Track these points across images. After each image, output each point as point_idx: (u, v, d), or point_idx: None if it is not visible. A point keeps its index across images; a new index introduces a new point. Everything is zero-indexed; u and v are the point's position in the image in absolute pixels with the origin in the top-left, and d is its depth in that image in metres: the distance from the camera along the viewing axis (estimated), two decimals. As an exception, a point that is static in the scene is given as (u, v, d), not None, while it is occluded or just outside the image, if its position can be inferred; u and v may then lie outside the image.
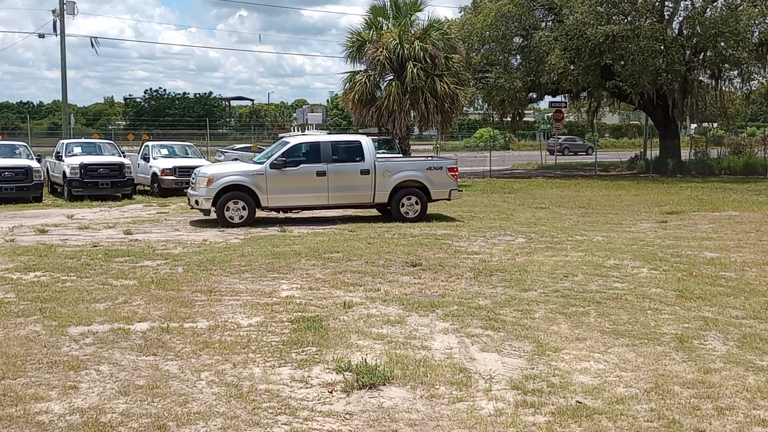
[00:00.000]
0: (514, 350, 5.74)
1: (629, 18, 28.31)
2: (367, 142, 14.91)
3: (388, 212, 14.67)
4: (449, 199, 15.05)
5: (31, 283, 8.18)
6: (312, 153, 14.57)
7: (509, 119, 35.59)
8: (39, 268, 9.09)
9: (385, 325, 6.45)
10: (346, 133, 38.46)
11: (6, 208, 17.33)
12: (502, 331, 6.27)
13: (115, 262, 9.56)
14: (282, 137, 33.21)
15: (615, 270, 9.00)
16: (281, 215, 14.96)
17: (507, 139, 53.43)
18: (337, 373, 5.16)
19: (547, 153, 40.99)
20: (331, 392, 4.83)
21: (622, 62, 28.26)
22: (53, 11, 35.18)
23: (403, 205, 14.45)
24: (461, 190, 15.93)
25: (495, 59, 30.85)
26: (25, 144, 22.39)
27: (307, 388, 4.91)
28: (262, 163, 14.28)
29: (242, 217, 13.76)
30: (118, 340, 5.96)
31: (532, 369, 5.27)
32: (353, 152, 14.66)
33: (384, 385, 4.91)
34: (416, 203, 14.52)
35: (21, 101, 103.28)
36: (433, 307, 7.07)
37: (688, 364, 5.40)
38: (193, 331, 6.24)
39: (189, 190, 14.78)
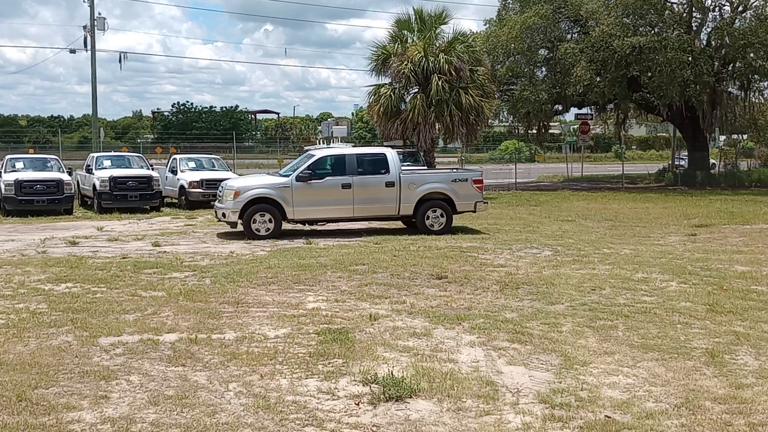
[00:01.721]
0: (542, 364, 5.71)
1: (656, 29, 28.15)
2: (392, 154, 14.94)
3: (414, 224, 14.67)
4: (474, 211, 15.02)
5: (62, 294, 8.32)
6: (337, 165, 14.65)
7: (535, 131, 35.44)
8: (70, 280, 9.24)
9: (411, 338, 6.45)
10: (371, 146, 38.62)
11: (38, 220, 17.66)
12: (529, 344, 6.24)
13: (144, 274, 9.69)
14: (307, 150, 33.50)
15: (643, 283, 8.90)
16: (307, 227, 15.04)
17: (532, 151, 53.15)
18: (363, 385, 5.17)
19: (573, 165, 40.71)
20: (357, 404, 4.84)
21: (650, 74, 28.04)
22: (84, 27, 35.87)
23: (428, 218, 14.46)
24: (487, 202, 15.88)
25: (520, 71, 30.81)
26: (56, 157, 22.82)
27: (333, 399, 4.93)
28: (288, 176, 14.38)
29: (269, 229, 13.84)
30: (147, 350, 6.04)
31: (560, 383, 5.23)
32: (378, 165, 14.70)
33: (411, 397, 4.91)
34: (441, 215, 14.52)
35: (52, 115, 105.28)
36: (459, 320, 7.05)
37: (719, 379, 5.33)
38: (221, 342, 6.30)
39: (216, 203, 14.91)
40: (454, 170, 18.34)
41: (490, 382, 5.24)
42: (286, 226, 14.25)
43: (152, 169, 21.90)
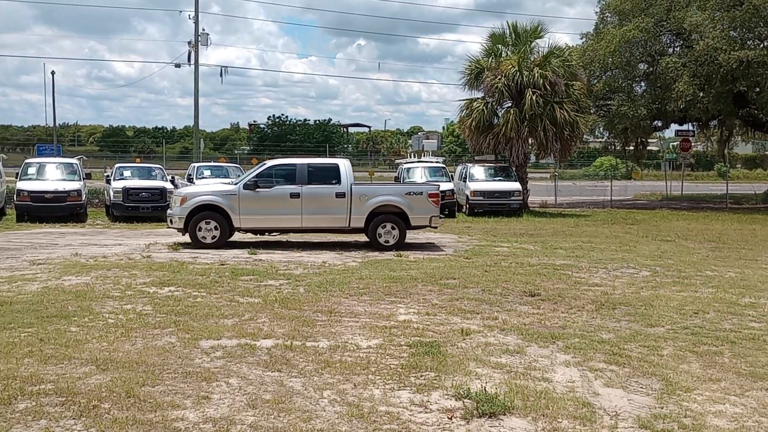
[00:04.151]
0: (641, 387, 5.51)
1: (765, 43, 26.76)
2: (344, 165, 14.50)
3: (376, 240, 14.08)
4: (430, 226, 14.51)
5: (165, 297, 8.71)
6: (287, 175, 14.33)
7: (632, 148, 34.40)
8: (172, 284, 9.66)
9: (504, 355, 6.37)
10: (460, 160, 38.44)
11: (143, 226, 18.58)
12: (627, 366, 6.03)
13: (241, 281, 10.01)
14: (398, 163, 33.69)
15: (751, 308, 8.45)
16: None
17: (629, 168, 51.54)
18: (456, 400, 5.14)
19: (673, 183, 39.18)
20: (450, 418, 4.81)
21: (758, 89, 26.70)
22: (189, 42, 37.64)
23: (380, 234, 14.03)
24: (443, 217, 15.29)
25: (618, 86, 29.98)
26: (160, 167, 24.00)
27: (426, 412, 4.92)
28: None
29: (215, 237, 13.71)
30: (245, 355, 6.23)
31: (662, 408, 5.03)
32: (329, 175, 14.30)
33: (504, 414, 4.84)
34: (393, 229, 14.06)
35: (156, 126, 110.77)
36: (553, 338, 6.91)
37: (838, 414, 4.98)
38: (315, 349, 6.42)
39: (168, 209, 14.71)
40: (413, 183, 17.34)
41: (586, 403, 5.10)
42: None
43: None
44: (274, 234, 14.93)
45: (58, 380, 5.38)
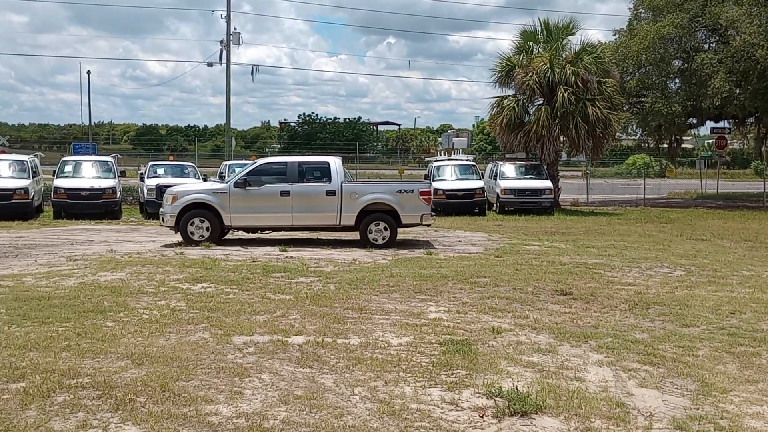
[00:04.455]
0: (676, 388, 5.43)
1: (805, 38, 26.14)
2: (335, 163, 14.41)
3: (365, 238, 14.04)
4: (421, 224, 14.39)
5: (198, 294, 8.81)
6: (278, 173, 14.33)
7: (666, 146, 33.88)
8: (205, 280, 9.77)
9: (536, 353, 6.33)
10: (490, 158, 38.25)
11: (175, 223, 18.76)
12: (661, 367, 5.95)
13: (272, 277, 10.09)
14: (428, 161, 33.63)
15: (789, 309, 8.27)
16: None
17: (663, 166, 50.77)
18: (487, 398, 5.12)
19: (708, 182, 38.51)
20: (482, 417, 4.80)
21: (797, 85, 26.12)
22: (221, 42, 37.96)
23: (371, 231, 13.97)
24: (434, 215, 15.15)
25: (651, 83, 29.57)
26: (192, 164, 24.29)
27: (457, 410, 4.91)
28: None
29: (202, 236, 13.74)
30: (277, 351, 6.28)
31: (697, 409, 4.96)
32: (320, 173, 14.30)
33: (536, 413, 4.81)
34: (385, 228, 13.98)
35: (188, 125, 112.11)
36: (585, 337, 6.84)
37: None
38: (346, 346, 6.44)
39: (161, 208, 14.76)
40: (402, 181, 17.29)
41: (620, 403, 5.04)
42: (403, 236, 14.33)
43: None
44: (265, 232, 14.99)
45: (95, 374, 5.48)
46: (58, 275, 10.12)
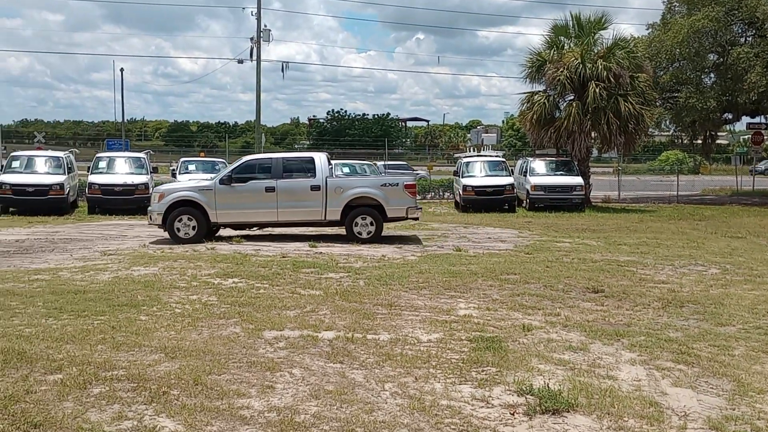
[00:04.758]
0: (711, 388, 5.34)
1: None
2: (320, 158, 14.41)
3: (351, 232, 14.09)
4: (407, 218, 14.34)
5: (229, 289, 8.90)
6: (262, 169, 14.36)
7: (700, 141, 33.28)
8: (236, 275, 9.86)
9: (567, 351, 6.27)
10: (520, 153, 37.98)
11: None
12: (696, 366, 5.86)
13: (302, 273, 10.14)
14: (457, 157, 33.49)
15: (828, 309, 8.08)
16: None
17: (697, 162, 49.93)
18: (518, 396, 5.09)
19: (743, 178, 37.76)
20: (513, 414, 4.77)
21: (836, 79, 25.45)
22: (251, 38, 38.26)
23: (356, 224, 13.97)
24: (420, 208, 15.12)
25: (686, 78, 29.05)
26: (223, 161, 24.57)
27: (488, 407, 4.90)
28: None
29: (188, 233, 13.73)
30: (307, 346, 6.31)
31: (733, 410, 4.87)
32: (305, 168, 14.32)
33: (568, 411, 4.77)
34: (371, 224, 14.00)
35: (219, 122, 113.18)
36: (618, 336, 6.77)
37: None
38: (376, 342, 6.45)
39: (149, 206, 14.82)
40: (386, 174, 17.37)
41: (653, 402, 4.98)
42: (435, 233, 14.32)
43: None
44: (253, 229, 15.03)
45: (130, 366, 5.57)
46: (93, 269, 10.29)
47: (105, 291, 8.57)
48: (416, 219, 14.90)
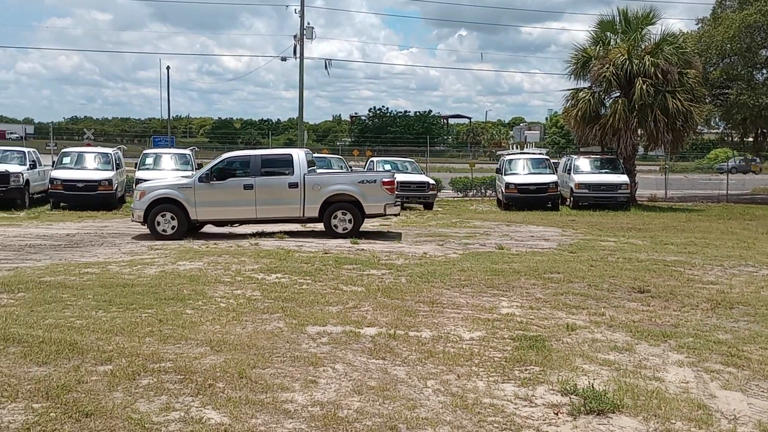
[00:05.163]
0: (762, 391, 5.21)
1: None
2: (298, 155, 14.45)
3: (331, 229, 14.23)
4: (385, 214, 14.37)
5: (273, 284, 9.00)
6: (241, 167, 14.46)
7: (751, 139, 32.40)
8: (279, 271, 9.96)
9: (612, 352, 6.18)
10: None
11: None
12: (746, 369, 5.72)
13: (344, 269, 10.20)
14: (500, 155, 33.26)
15: None
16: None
17: (747, 160, 48.58)
18: (562, 395, 5.04)
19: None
20: (557, 414, 4.73)
21: None
22: (294, 36, 38.56)
23: (336, 221, 14.08)
24: (399, 204, 15.06)
25: (737, 74, 28.30)
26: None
27: (531, 407, 4.86)
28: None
29: (169, 230, 13.88)
30: (350, 341, 6.35)
31: (785, 415, 4.74)
32: (282, 165, 14.39)
33: (613, 412, 4.71)
34: (349, 221, 14.12)
35: (262, 119, 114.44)
36: (665, 337, 6.64)
37: None
38: (418, 339, 6.46)
39: (132, 204, 15.02)
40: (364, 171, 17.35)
41: (702, 405, 4.88)
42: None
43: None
44: (234, 225, 15.23)
45: (177, 359, 5.68)
46: (141, 263, 10.52)
47: (152, 285, 8.75)
48: (396, 215, 15.09)
